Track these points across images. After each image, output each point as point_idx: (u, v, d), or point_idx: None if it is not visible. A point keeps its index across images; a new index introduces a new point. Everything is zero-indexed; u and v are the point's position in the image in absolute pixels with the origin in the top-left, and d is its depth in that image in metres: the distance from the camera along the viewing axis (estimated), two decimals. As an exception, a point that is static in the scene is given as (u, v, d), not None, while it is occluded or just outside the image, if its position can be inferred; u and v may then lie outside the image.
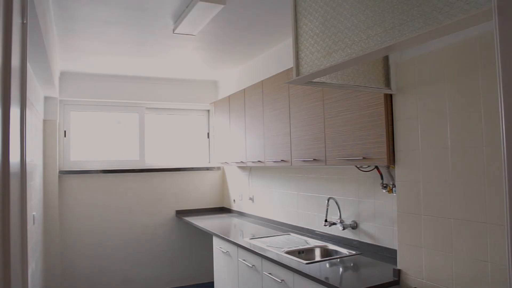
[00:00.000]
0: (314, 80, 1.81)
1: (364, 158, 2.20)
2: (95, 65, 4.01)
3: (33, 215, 3.01)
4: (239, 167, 4.48)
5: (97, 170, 4.30)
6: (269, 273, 2.61)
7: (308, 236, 3.10)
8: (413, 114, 1.97)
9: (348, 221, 2.78)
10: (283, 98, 2.98)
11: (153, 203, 4.58)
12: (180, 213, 4.68)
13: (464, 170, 1.72)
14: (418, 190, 1.95)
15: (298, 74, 1.75)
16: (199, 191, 4.85)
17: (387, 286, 2.00)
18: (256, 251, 2.73)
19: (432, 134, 1.86)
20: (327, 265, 2.34)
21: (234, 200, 4.65)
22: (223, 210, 4.91)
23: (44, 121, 3.97)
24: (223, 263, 3.40)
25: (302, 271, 2.22)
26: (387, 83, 2.08)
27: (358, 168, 2.54)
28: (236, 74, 4.39)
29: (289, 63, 3.11)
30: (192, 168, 4.78)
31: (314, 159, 2.60)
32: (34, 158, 3.16)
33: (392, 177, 2.40)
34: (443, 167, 1.82)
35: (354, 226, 2.74)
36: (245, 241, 3.02)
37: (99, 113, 4.50)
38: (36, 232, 3.28)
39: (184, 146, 4.94)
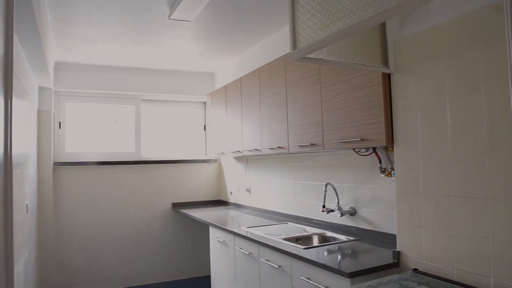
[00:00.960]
0: (311, 56, 1.78)
1: (362, 139, 2.16)
2: (90, 55, 3.96)
3: (26, 204, 2.96)
4: (236, 158, 4.44)
5: (92, 162, 4.25)
6: (266, 260, 2.57)
7: (305, 225, 3.07)
8: (411, 93, 1.94)
9: (346, 208, 2.74)
10: (280, 85, 2.94)
11: (149, 195, 4.54)
12: (176, 206, 4.64)
13: (464, 146, 1.69)
14: (418, 169, 1.91)
15: (295, 48, 1.72)
16: (195, 184, 4.80)
17: (387, 268, 1.97)
18: (253, 238, 2.69)
19: (432, 112, 1.83)
20: (325, 250, 2.30)
21: (231, 192, 4.61)
22: (220, 203, 4.87)
23: (39, 111, 3.92)
24: (220, 253, 3.36)
25: (300, 255, 2.18)
26: (385, 62, 2.05)
27: (356, 152, 2.50)
28: (233, 65, 4.36)
29: (286, 51, 3.08)
30: (189, 160, 4.74)
31: (311, 144, 2.56)
32: (28, 148, 3.11)
33: (391, 161, 2.37)
34: (442, 144, 1.79)
35: (353, 213, 2.70)
36: (242, 230, 2.98)
37: (95, 105, 4.45)
38: (30, 222, 3.23)
39: (180, 139, 4.90)
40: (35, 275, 3.56)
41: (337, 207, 2.77)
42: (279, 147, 2.92)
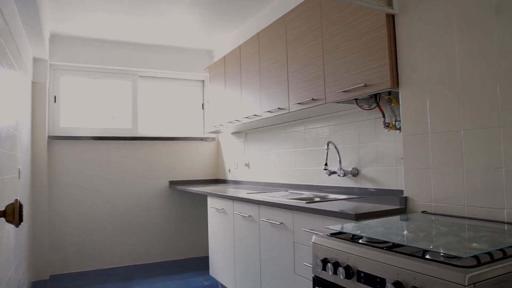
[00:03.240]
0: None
1: (365, 85, 2.08)
2: (87, 27, 3.88)
3: (19, 168, 2.88)
4: (234, 133, 4.36)
5: (88, 137, 4.16)
6: (267, 219, 2.48)
7: (307, 191, 2.98)
8: (417, 32, 1.87)
9: (348, 169, 2.66)
10: (280, 45, 2.87)
11: (146, 173, 4.44)
12: (174, 184, 4.55)
13: (473, 76, 1.62)
14: (424, 109, 1.84)
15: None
16: (193, 162, 4.71)
17: (394, 213, 1.89)
18: (253, 198, 2.61)
19: (439, 47, 1.76)
20: (328, 205, 2.22)
21: (229, 170, 4.52)
22: (218, 181, 4.78)
23: (33, 83, 3.83)
24: (218, 222, 3.27)
25: (303, 206, 2.10)
26: (389, 3, 1.98)
27: (360, 106, 2.42)
28: (231, 41, 4.28)
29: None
30: (186, 138, 4.65)
31: (312, 99, 2.48)
32: (20, 116, 3.02)
33: (395, 114, 2.29)
34: (450, 78, 1.71)
35: (355, 173, 2.62)
36: (241, 195, 2.90)
37: (91, 80, 4.37)
38: (23, 189, 3.14)
39: (178, 117, 4.81)
40: (28, 252, 3.46)
41: (339, 169, 2.69)
42: (278, 108, 2.84)
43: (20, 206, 0.95)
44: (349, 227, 1.59)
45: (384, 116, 2.34)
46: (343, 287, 1.36)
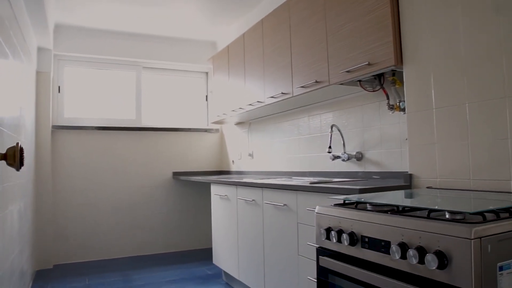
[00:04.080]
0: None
1: (369, 63, 2.07)
2: (91, 17, 3.90)
3: (23, 154, 2.88)
4: (238, 124, 4.35)
5: (92, 127, 4.16)
6: (271, 201, 2.47)
7: (311, 177, 2.97)
8: (420, 10, 1.85)
9: (352, 153, 2.65)
10: (283, 30, 2.86)
11: (150, 164, 4.45)
12: (177, 175, 4.55)
13: (478, 49, 1.60)
14: (429, 85, 1.82)
15: None
16: (196, 154, 4.71)
17: (398, 189, 1.87)
18: (257, 181, 2.60)
19: (442, 23, 1.75)
20: (331, 186, 2.20)
21: (233, 161, 4.52)
22: (222, 173, 4.78)
23: (38, 72, 3.85)
24: (222, 208, 3.26)
25: (306, 185, 2.09)
26: (394, -20, 1.97)
27: (363, 88, 2.40)
28: (235, 33, 4.28)
29: None
30: (190, 129, 4.65)
31: (315, 81, 2.47)
32: (23, 103, 3.03)
33: (399, 95, 2.27)
34: (455, 52, 1.70)
35: (359, 157, 2.61)
36: (245, 180, 2.89)
37: (95, 70, 4.38)
38: (28, 176, 3.15)
39: (181, 108, 4.81)
40: (31, 242, 3.47)
41: (343, 153, 2.67)
42: (282, 93, 2.83)
43: (21, 149, 0.95)
44: (353, 198, 1.58)
45: (388, 98, 2.33)
46: (347, 254, 1.35)
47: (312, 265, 2.08)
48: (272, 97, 2.96)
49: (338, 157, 2.73)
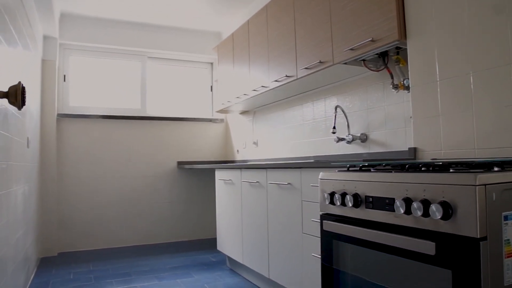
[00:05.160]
0: None
1: (372, 39, 2.07)
2: (96, 6, 3.91)
3: (27, 137, 2.90)
4: (242, 113, 4.35)
5: (97, 115, 4.18)
6: (275, 181, 2.47)
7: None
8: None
9: (357, 134, 2.64)
10: (287, 13, 2.87)
11: (154, 153, 4.46)
12: (182, 164, 4.55)
13: (482, 18, 1.59)
14: (433, 57, 1.82)
15: None
16: (201, 143, 4.72)
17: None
18: (261, 163, 2.60)
19: (448, -10, 1.74)
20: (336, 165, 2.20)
21: (237, 151, 4.52)
22: (226, 162, 4.76)
23: (43, 60, 3.88)
24: (226, 193, 3.26)
25: (311, 161, 2.09)
26: (398, -46, 1.97)
27: (367, 67, 2.40)
28: (239, 23, 4.29)
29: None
30: (195, 118, 4.66)
31: (319, 62, 2.47)
32: (30, 91, 3.05)
33: (403, 74, 2.27)
34: (458, 23, 1.69)
35: (364, 139, 2.60)
36: (249, 163, 2.89)
37: (100, 60, 4.40)
38: (32, 163, 3.17)
39: (186, 99, 4.82)
40: (36, 230, 3.49)
41: (347, 135, 2.67)
42: (286, 76, 2.83)
43: (23, 88, 0.95)
44: (358, 164, 1.58)
45: (392, 78, 2.32)
46: (351, 217, 1.34)
47: (317, 242, 2.08)
48: (276, 80, 2.96)
49: (343, 139, 2.72)
